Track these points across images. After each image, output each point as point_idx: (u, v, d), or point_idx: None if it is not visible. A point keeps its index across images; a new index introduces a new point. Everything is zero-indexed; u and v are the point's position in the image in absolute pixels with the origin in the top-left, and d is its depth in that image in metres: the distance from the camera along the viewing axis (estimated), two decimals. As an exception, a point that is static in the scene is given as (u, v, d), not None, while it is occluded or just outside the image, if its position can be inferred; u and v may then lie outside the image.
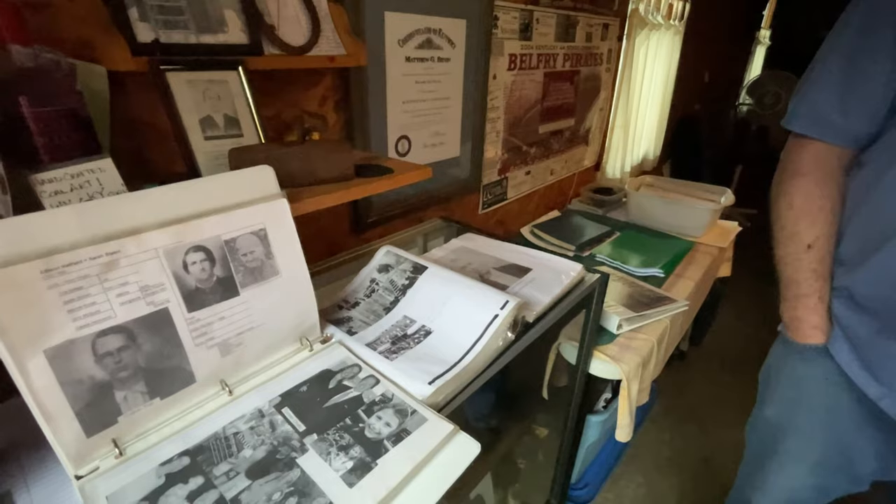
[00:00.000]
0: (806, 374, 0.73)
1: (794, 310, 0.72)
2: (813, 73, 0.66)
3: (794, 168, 0.69)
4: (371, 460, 0.44)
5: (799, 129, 0.68)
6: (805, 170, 0.68)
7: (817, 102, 0.65)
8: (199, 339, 0.48)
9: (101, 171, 0.51)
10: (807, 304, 0.70)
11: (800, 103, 0.67)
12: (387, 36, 0.96)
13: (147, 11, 0.58)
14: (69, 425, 0.40)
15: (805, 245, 0.68)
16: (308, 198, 0.60)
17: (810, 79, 0.66)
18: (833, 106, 0.63)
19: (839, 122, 0.63)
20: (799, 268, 0.69)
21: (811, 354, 0.71)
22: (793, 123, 0.68)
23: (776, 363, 0.79)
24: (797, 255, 0.69)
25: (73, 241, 0.40)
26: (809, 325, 0.70)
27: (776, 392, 0.78)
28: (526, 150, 1.60)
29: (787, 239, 0.70)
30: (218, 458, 0.44)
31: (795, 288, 0.71)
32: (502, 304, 0.62)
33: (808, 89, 0.66)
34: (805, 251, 0.68)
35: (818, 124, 0.65)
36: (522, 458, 1.31)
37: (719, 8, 3.00)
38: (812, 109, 0.66)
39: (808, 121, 0.66)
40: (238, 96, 0.66)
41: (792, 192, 0.69)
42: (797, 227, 0.69)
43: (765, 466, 0.82)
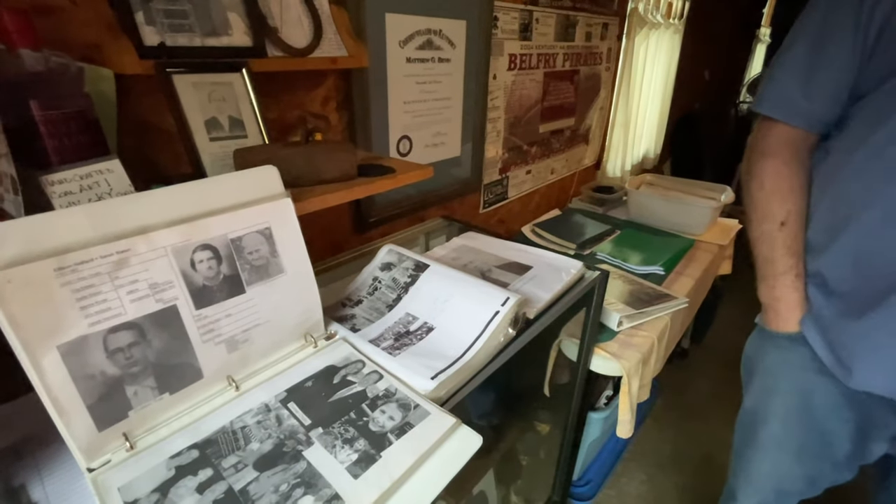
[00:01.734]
0: (780, 360, 0.75)
1: (773, 289, 0.72)
2: (780, 58, 0.68)
3: (762, 149, 0.71)
4: (375, 452, 0.45)
5: (766, 111, 0.70)
6: (773, 150, 0.70)
7: (783, 86, 0.67)
8: (207, 336, 0.49)
9: (110, 171, 0.52)
10: (784, 282, 0.71)
11: (767, 86, 0.69)
12: (388, 37, 0.97)
13: (153, 15, 0.59)
14: (82, 419, 0.42)
15: (778, 222, 0.70)
16: (312, 197, 0.61)
17: (778, 63, 0.68)
18: (798, 89, 0.65)
19: (803, 105, 0.66)
20: (774, 245, 0.70)
21: (784, 342, 0.73)
22: (761, 106, 0.70)
23: (753, 354, 0.81)
24: (771, 233, 0.70)
25: (84, 240, 0.41)
26: (789, 305, 0.71)
27: (754, 382, 0.80)
28: (526, 149, 1.61)
29: (761, 218, 0.72)
30: (226, 451, 0.45)
31: (772, 267, 0.72)
32: (503, 301, 0.63)
33: (776, 73, 0.68)
34: (779, 228, 0.70)
35: (784, 107, 0.68)
36: (524, 454, 1.31)
37: (719, 6, 3.00)
38: (779, 93, 0.68)
39: (774, 103, 0.69)
40: (242, 98, 0.67)
41: (762, 173, 0.71)
42: (770, 206, 0.70)
43: (748, 456, 0.83)
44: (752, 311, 0.81)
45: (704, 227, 1.62)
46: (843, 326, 0.66)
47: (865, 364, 0.64)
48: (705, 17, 2.75)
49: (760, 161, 0.71)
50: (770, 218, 0.71)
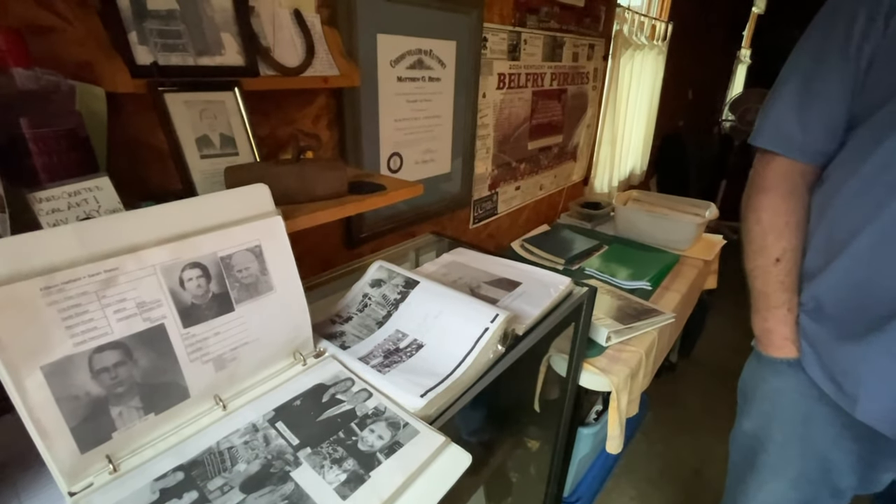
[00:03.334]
0: (779, 387, 0.74)
1: (765, 321, 0.74)
2: (775, 92, 0.69)
3: (761, 184, 0.72)
4: (364, 472, 0.45)
5: (763, 144, 0.71)
6: (770, 185, 0.71)
7: (779, 119, 0.68)
8: (195, 355, 0.49)
9: (99, 189, 0.52)
10: (776, 315, 0.72)
11: (764, 120, 0.70)
12: (379, 57, 0.99)
13: (146, 35, 0.60)
14: (64, 441, 0.41)
15: (773, 259, 0.70)
16: (302, 215, 0.62)
17: (773, 98, 0.69)
18: (793, 123, 0.67)
19: (799, 138, 0.67)
20: (768, 280, 0.72)
21: (783, 367, 0.73)
22: (758, 139, 0.71)
23: (751, 377, 0.81)
24: (766, 268, 0.71)
25: (72, 259, 0.41)
26: (780, 337, 0.72)
27: (752, 406, 0.79)
28: (516, 165, 1.64)
29: (756, 253, 0.73)
30: (212, 473, 0.44)
31: (765, 300, 0.73)
32: (492, 318, 0.64)
33: (771, 107, 0.69)
34: (773, 264, 0.71)
35: (780, 140, 0.68)
36: (515, 471, 1.31)
37: (701, 28, 3.11)
38: (775, 126, 0.69)
39: (771, 137, 0.69)
40: (234, 116, 0.68)
41: (759, 208, 0.72)
42: (765, 242, 0.71)
43: (746, 480, 0.82)
44: (739, 325, 0.82)
45: (690, 243, 1.65)
46: (842, 350, 0.65)
47: (870, 392, 0.63)
48: (688, 39, 2.84)
49: (758, 196, 0.72)
50: (765, 254, 0.71)
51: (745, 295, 0.76)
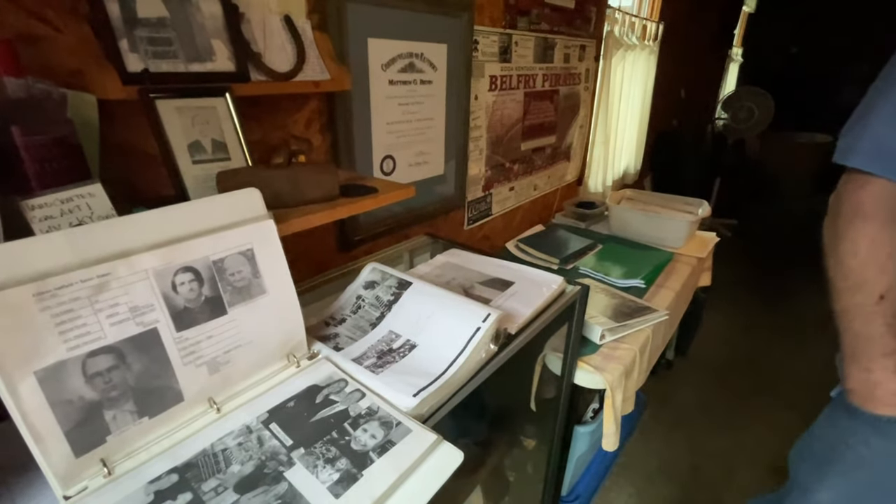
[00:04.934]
0: (882, 450, 0.63)
1: (869, 372, 0.62)
2: (873, 103, 0.59)
3: (855, 210, 0.61)
4: (357, 471, 0.45)
5: (860, 164, 0.60)
6: (868, 212, 0.60)
7: (882, 135, 0.58)
8: (188, 358, 0.50)
9: (91, 196, 0.53)
10: (885, 364, 0.60)
11: (861, 136, 0.59)
12: (370, 61, 1.00)
13: (137, 42, 0.60)
14: (58, 446, 0.41)
15: (877, 296, 0.60)
16: (295, 218, 0.62)
17: (871, 110, 0.59)
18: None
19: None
20: (871, 322, 0.61)
21: (889, 428, 0.62)
22: (852, 159, 0.60)
23: (834, 437, 0.68)
24: (867, 307, 0.61)
25: (64, 265, 0.42)
26: (890, 392, 0.61)
27: (836, 473, 0.67)
28: (509, 166, 1.65)
29: (854, 289, 0.61)
30: (206, 475, 0.45)
31: (868, 346, 0.61)
32: (484, 317, 0.64)
33: (870, 121, 0.58)
34: (877, 303, 0.60)
35: (884, 159, 0.58)
36: (512, 470, 1.31)
37: (692, 28, 3.13)
38: (876, 143, 0.58)
39: (871, 156, 0.59)
40: (225, 121, 0.68)
41: (856, 238, 0.61)
42: (865, 276, 0.60)
43: None
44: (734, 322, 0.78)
45: (683, 241, 1.67)
46: None
47: None
48: (679, 39, 2.86)
49: (854, 223, 0.61)
50: (866, 290, 0.61)
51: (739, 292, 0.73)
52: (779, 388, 2.07)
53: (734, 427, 1.84)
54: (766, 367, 2.20)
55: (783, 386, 2.08)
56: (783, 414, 1.90)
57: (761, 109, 3.53)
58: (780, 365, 2.22)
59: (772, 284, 2.95)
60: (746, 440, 1.78)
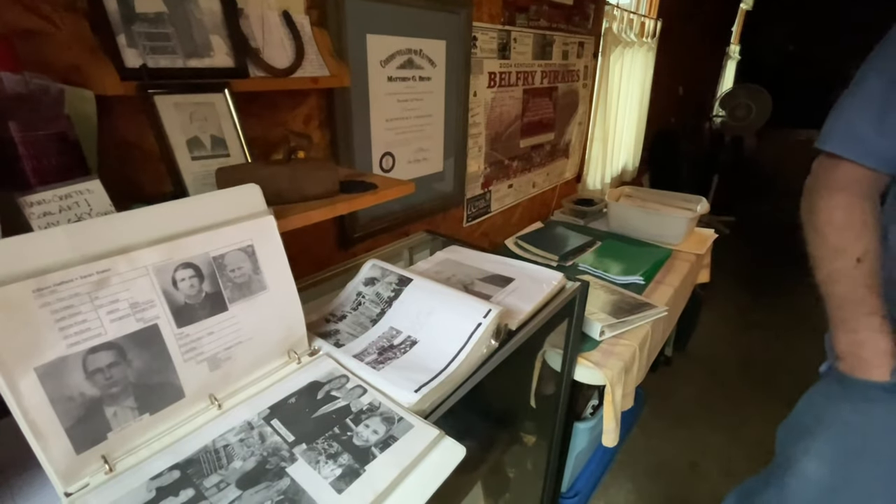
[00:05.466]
0: (870, 417, 0.63)
1: (855, 333, 0.63)
2: (851, 94, 0.63)
3: (829, 185, 0.65)
4: (359, 467, 0.45)
5: (834, 148, 0.64)
6: (841, 186, 0.64)
7: (855, 123, 0.62)
8: (189, 355, 0.49)
9: (90, 192, 0.52)
10: (871, 323, 0.61)
11: (834, 123, 0.64)
12: (369, 57, 0.99)
13: (135, 38, 0.60)
14: (59, 442, 0.41)
15: (854, 258, 0.62)
16: (294, 214, 0.62)
17: (848, 100, 0.63)
18: (871, 127, 0.60)
19: (874, 142, 0.61)
20: (853, 284, 0.62)
21: (875, 392, 0.62)
22: (828, 143, 0.64)
23: (819, 411, 0.69)
24: (847, 270, 0.62)
25: (64, 261, 0.41)
26: (876, 352, 0.61)
27: (826, 441, 0.67)
28: (508, 163, 1.64)
29: (832, 255, 0.64)
30: (208, 471, 0.45)
31: (853, 307, 0.63)
32: (485, 313, 0.64)
33: (846, 109, 0.63)
34: (856, 265, 0.62)
35: (852, 145, 0.62)
36: (512, 467, 1.31)
37: (690, 25, 3.13)
38: (849, 130, 0.63)
39: (843, 141, 0.63)
40: (224, 117, 0.68)
41: (831, 207, 0.64)
42: (842, 241, 0.63)
43: None
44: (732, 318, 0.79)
45: (681, 237, 1.67)
46: None
47: None
48: (677, 36, 2.86)
49: (829, 195, 0.65)
50: (844, 254, 0.63)
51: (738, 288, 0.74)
52: (777, 383, 2.07)
53: (732, 423, 1.85)
54: (765, 363, 2.21)
55: (781, 382, 2.09)
56: (781, 409, 1.90)
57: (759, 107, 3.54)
58: (779, 361, 2.22)
59: (769, 281, 2.96)
60: (745, 436, 1.78)
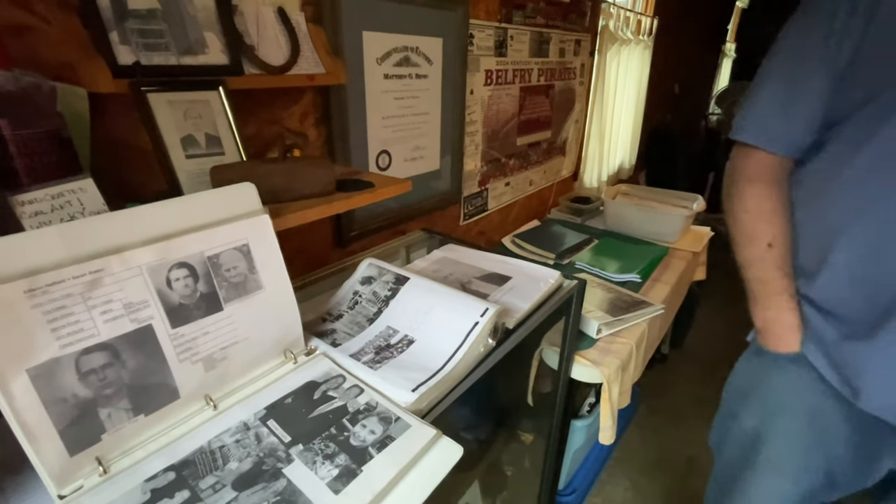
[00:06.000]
0: (784, 383, 0.73)
1: (766, 310, 0.72)
2: (757, 89, 0.70)
3: (742, 174, 0.73)
4: (356, 467, 0.45)
5: (747, 139, 0.71)
6: (754, 175, 0.72)
7: (762, 115, 0.69)
8: (184, 355, 0.49)
9: (82, 191, 0.52)
10: (779, 302, 0.71)
11: (746, 116, 0.71)
12: (365, 54, 0.99)
13: (128, 34, 0.59)
14: (52, 445, 0.41)
15: (766, 244, 0.70)
16: (290, 213, 0.62)
17: (755, 94, 0.70)
18: (776, 118, 0.68)
19: (782, 132, 0.68)
20: (764, 267, 0.71)
21: (785, 363, 0.72)
22: (741, 134, 0.72)
23: (750, 373, 0.79)
24: (760, 254, 0.71)
25: (57, 261, 0.41)
26: (785, 327, 0.70)
27: (754, 403, 0.78)
28: (505, 161, 1.64)
29: (748, 241, 0.72)
30: (204, 472, 0.44)
31: (764, 287, 0.72)
32: (482, 312, 0.64)
33: (754, 103, 0.70)
34: (767, 250, 0.70)
35: (764, 135, 0.70)
36: (509, 465, 1.31)
37: (686, 23, 3.13)
38: (758, 121, 0.70)
39: (754, 132, 0.71)
40: (219, 115, 0.67)
41: (745, 197, 0.72)
42: (755, 229, 0.71)
43: (745, 477, 0.81)
44: (729, 316, 0.82)
45: (678, 235, 1.67)
46: (850, 349, 0.65)
47: (876, 385, 0.63)
48: (673, 34, 2.86)
49: (743, 185, 0.72)
50: (757, 240, 0.71)
51: (734, 285, 0.76)
52: (772, 380, 2.08)
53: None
54: (760, 361, 2.22)
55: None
56: (776, 406, 1.92)
57: (755, 104, 3.54)
58: (774, 358, 2.23)
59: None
60: (740, 432, 1.79)
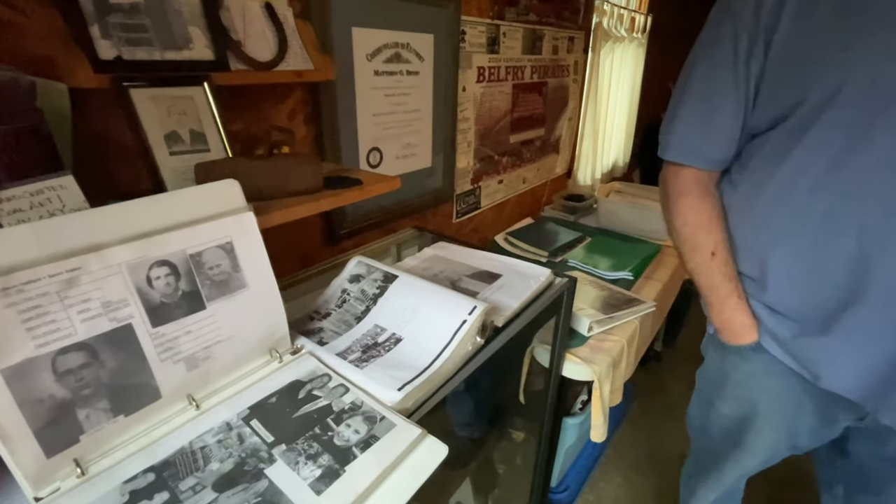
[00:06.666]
0: (750, 371, 0.78)
1: (721, 312, 0.77)
2: (675, 110, 0.74)
3: (677, 190, 0.77)
4: (339, 467, 0.44)
5: (673, 158, 0.75)
6: (686, 189, 0.76)
7: (685, 135, 0.73)
8: (165, 354, 0.48)
9: (63, 188, 0.51)
10: (730, 304, 0.75)
11: (670, 136, 0.75)
12: (355, 51, 0.98)
13: (109, 29, 0.58)
14: (28, 446, 0.40)
15: (709, 253, 0.74)
16: (276, 210, 0.61)
17: (675, 115, 0.74)
18: (698, 137, 0.72)
19: (704, 149, 0.72)
20: (711, 273, 0.75)
21: (748, 353, 0.76)
22: (668, 154, 0.76)
23: (719, 366, 0.84)
24: (706, 263, 0.75)
25: (32, 259, 0.40)
26: (740, 325, 0.75)
27: (727, 391, 0.83)
28: (498, 159, 1.64)
29: (692, 251, 0.76)
30: (184, 473, 0.44)
31: (715, 292, 0.76)
32: (470, 310, 0.64)
33: (675, 124, 0.74)
34: (711, 258, 0.74)
35: (688, 153, 0.74)
36: (501, 463, 1.31)
37: (680, 21, 3.13)
38: (682, 141, 0.74)
39: (679, 151, 0.74)
40: (204, 111, 0.66)
41: (683, 211, 0.76)
42: (697, 239, 0.75)
43: (729, 457, 0.87)
44: None
45: (671, 233, 1.67)
46: (804, 344, 0.69)
47: (834, 371, 0.67)
48: (667, 31, 2.86)
49: (678, 200, 0.77)
50: (700, 250, 0.75)
51: None
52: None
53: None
54: (752, 358, 2.24)
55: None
56: (768, 403, 1.93)
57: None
58: (766, 355, 2.25)
59: (758, 276, 2.99)
60: (732, 429, 1.80)
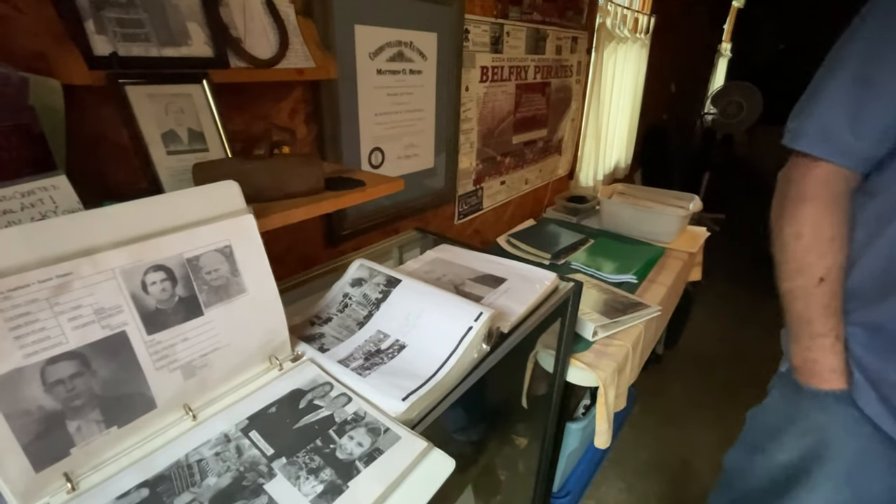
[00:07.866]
0: (825, 423, 0.66)
1: (808, 351, 0.65)
2: (820, 88, 0.60)
3: (799, 192, 0.63)
4: (342, 483, 0.43)
5: (805, 147, 0.61)
6: (811, 194, 0.62)
7: (826, 120, 0.59)
8: (161, 363, 0.46)
9: (55, 188, 0.49)
10: (823, 344, 0.63)
11: (806, 120, 0.61)
12: (357, 49, 0.96)
13: (105, 24, 0.56)
14: (15, 460, 0.38)
15: (817, 278, 0.62)
16: (276, 213, 0.59)
17: (817, 94, 0.60)
18: (844, 124, 0.57)
19: (850, 141, 0.58)
20: (810, 303, 0.63)
21: (828, 402, 0.64)
22: (798, 142, 0.62)
23: (785, 408, 0.72)
24: (808, 289, 0.63)
25: (20, 264, 0.38)
26: (827, 369, 0.63)
27: (788, 441, 0.71)
28: (500, 160, 1.62)
29: (796, 272, 0.64)
30: (180, 488, 0.42)
31: (808, 327, 0.64)
32: (476, 316, 0.62)
33: (816, 106, 0.60)
34: (816, 285, 0.62)
35: (827, 143, 0.60)
36: (503, 469, 1.30)
37: (683, 22, 3.12)
38: (820, 127, 0.60)
39: (815, 139, 0.60)
40: (203, 110, 0.64)
41: (800, 221, 0.63)
42: (807, 259, 0.62)
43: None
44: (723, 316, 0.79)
45: (674, 235, 1.66)
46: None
47: None
48: (670, 32, 2.85)
49: (798, 206, 0.63)
50: (807, 273, 0.63)
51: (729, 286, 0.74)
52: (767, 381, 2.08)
53: (723, 420, 1.85)
54: (755, 361, 2.22)
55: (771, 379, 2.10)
56: (770, 407, 1.92)
57: (750, 104, 3.55)
58: (768, 358, 2.23)
59: (759, 278, 2.96)
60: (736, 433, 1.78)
